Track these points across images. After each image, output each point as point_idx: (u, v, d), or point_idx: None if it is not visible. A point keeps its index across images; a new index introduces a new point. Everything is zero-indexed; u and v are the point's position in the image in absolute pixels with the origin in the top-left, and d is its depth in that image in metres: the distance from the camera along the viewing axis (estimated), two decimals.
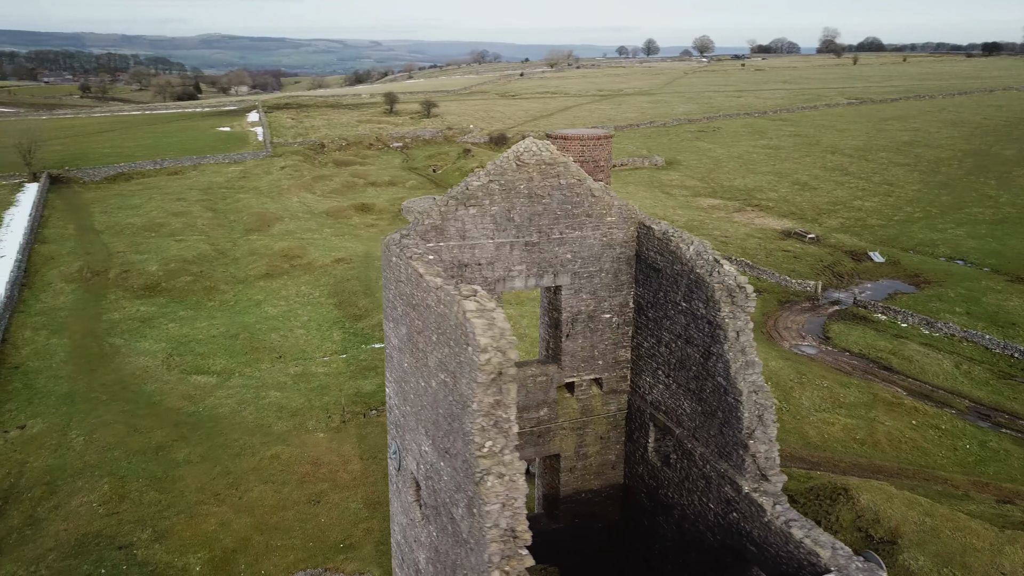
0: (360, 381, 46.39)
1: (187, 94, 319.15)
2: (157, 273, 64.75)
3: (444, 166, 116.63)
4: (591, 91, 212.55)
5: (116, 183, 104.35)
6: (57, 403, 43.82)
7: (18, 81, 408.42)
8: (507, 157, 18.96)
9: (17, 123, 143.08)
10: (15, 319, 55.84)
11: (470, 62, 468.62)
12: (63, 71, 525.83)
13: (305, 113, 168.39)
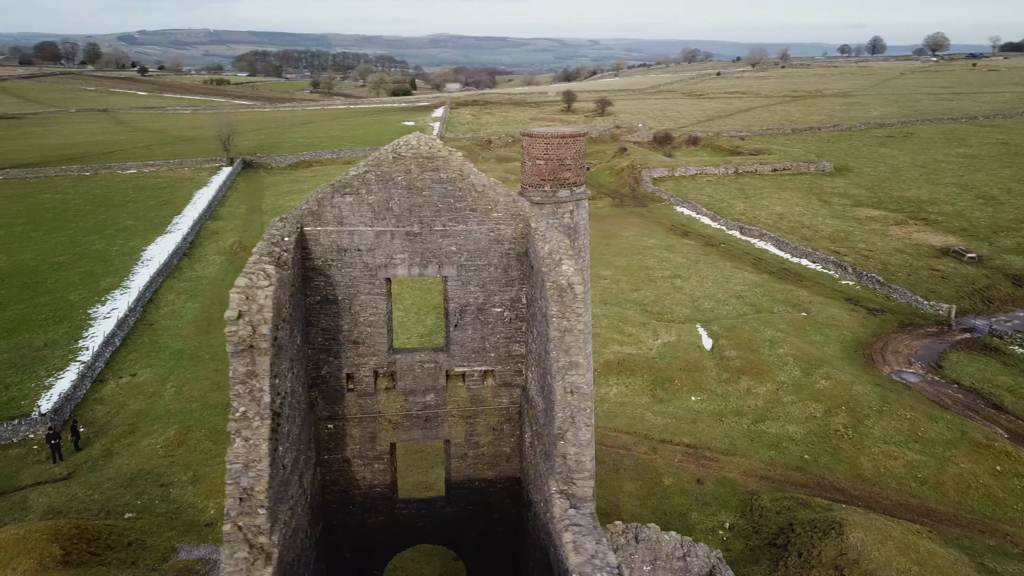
0: None
1: (402, 90, 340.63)
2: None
3: (597, 164, 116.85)
4: (784, 92, 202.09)
5: (296, 169, 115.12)
6: (168, 358, 50.19)
7: (264, 77, 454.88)
8: (385, 150, 19.99)
9: (226, 115, 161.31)
10: (166, 283, 64.15)
11: (680, 60, 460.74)
12: (304, 69, 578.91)
13: (486, 110, 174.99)
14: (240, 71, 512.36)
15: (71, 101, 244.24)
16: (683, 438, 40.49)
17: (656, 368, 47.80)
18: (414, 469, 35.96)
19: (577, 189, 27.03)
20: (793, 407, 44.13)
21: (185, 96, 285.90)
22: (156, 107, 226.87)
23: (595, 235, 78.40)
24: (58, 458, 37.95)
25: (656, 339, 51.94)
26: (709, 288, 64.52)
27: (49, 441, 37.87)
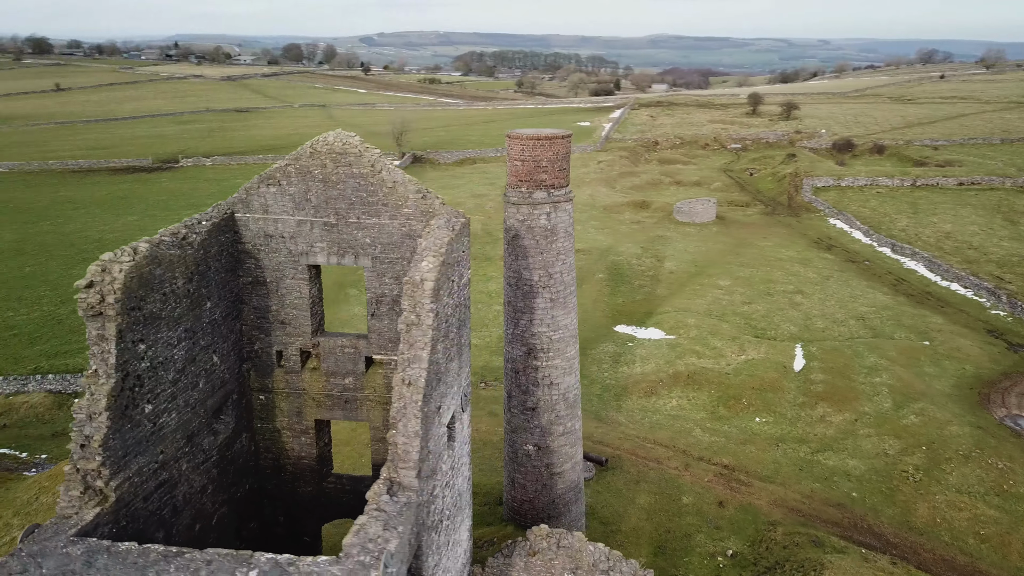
0: (496, 357, 49.95)
1: (603, 91, 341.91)
2: None
3: (762, 170, 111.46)
4: (1012, 97, 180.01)
5: (461, 166, 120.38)
6: None
7: (475, 77, 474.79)
8: (305, 146, 21.47)
9: (401, 113, 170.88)
10: None
11: (914, 62, 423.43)
12: (516, 69, 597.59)
13: (666, 111, 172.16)
14: (456, 71, 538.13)
15: (298, 97, 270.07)
16: (723, 458, 38.59)
17: (726, 385, 45.64)
18: None
19: (556, 191, 27.12)
20: (866, 440, 40.47)
21: (398, 94, 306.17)
22: (367, 103, 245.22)
23: (728, 244, 75.54)
24: None
25: (741, 355, 49.49)
26: (830, 307, 60.06)
27: None
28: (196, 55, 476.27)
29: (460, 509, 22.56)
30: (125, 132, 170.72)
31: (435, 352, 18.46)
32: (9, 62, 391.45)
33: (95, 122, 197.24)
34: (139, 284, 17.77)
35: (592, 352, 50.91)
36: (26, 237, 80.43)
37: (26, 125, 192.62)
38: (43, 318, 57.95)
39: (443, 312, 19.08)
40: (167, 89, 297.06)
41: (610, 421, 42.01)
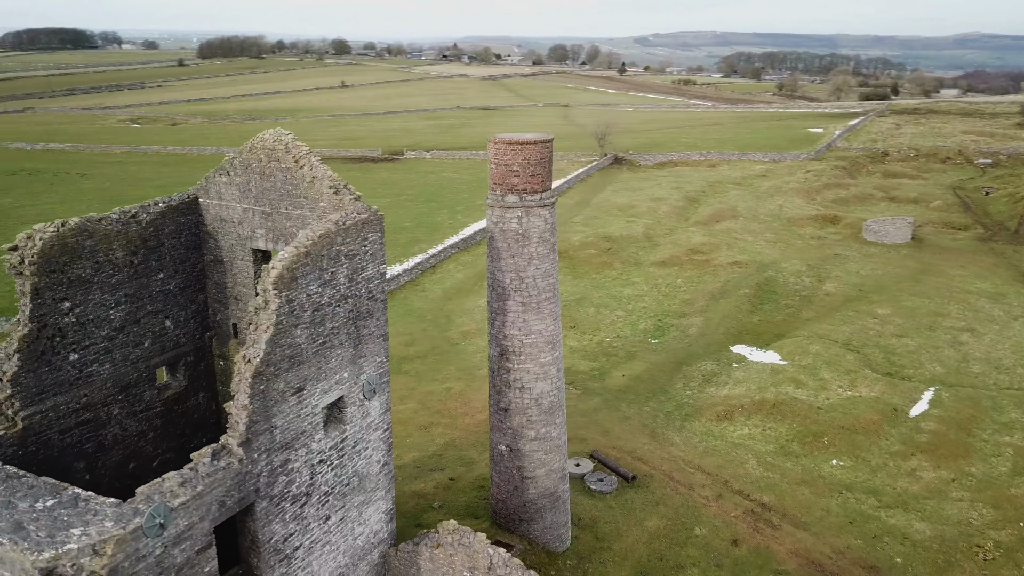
0: (598, 363, 49.87)
1: (877, 95, 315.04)
2: (574, 242, 75.88)
3: (1001, 190, 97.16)
4: None
5: (660, 168, 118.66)
6: (403, 312, 59.46)
7: (738, 79, 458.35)
8: (248, 142, 23.89)
9: (607, 114, 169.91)
10: (455, 256, 74.39)
11: None
12: (785, 71, 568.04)
13: (916, 120, 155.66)
14: (718, 72, 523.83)
15: (546, 96, 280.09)
16: (765, 496, 35.62)
17: (812, 420, 41.69)
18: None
19: (529, 196, 27.29)
20: (953, 505, 35.13)
21: (647, 95, 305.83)
22: (609, 104, 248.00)
23: (910, 269, 68.09)
24: None
25: (848, 391, 44.81)
26: (1000, 351, 51.86)
27: None
28: (469, 56, 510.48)
29: (362, 491, 23.81)
30: (377, 125, 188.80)
31: (288, 336, 19.93)
32: (312, 61, 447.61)
33: (360, 115, 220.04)
34: (61, 251, 21.21)
35: (687, 369, 48.85)
36: None
37: (305, 117, 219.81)
38: None
39: (310, 301, 20.42)
40: (432, 87, 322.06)
41: (663, 440, 40.37)
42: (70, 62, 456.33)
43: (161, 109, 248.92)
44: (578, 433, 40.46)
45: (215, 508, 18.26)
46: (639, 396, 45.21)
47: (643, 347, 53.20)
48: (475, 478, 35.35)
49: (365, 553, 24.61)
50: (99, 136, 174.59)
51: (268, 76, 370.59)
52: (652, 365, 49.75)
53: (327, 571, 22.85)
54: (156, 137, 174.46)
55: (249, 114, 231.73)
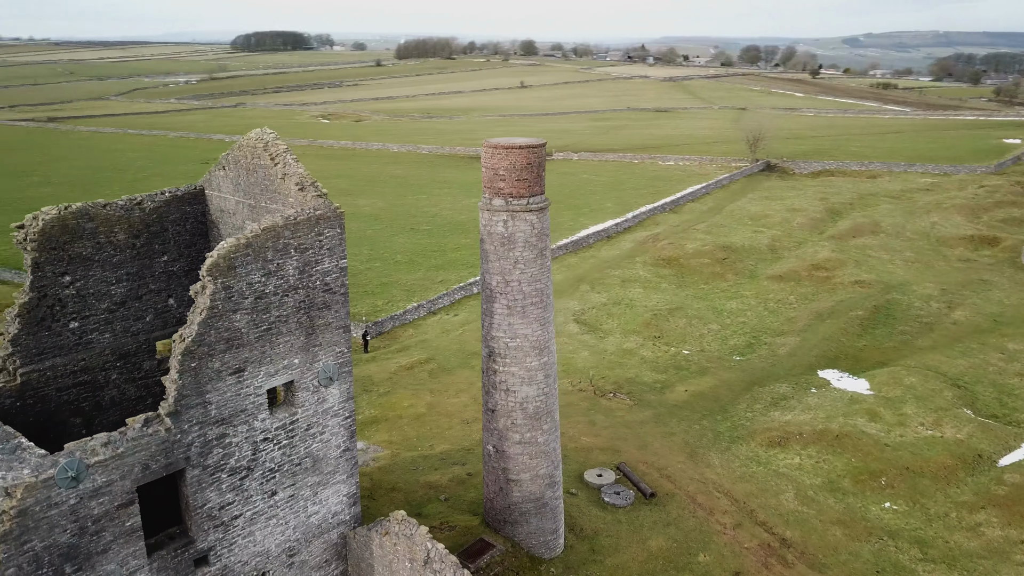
0: (664, 376, 48.67)
1: None
2: (687, 250, 73.66)
3: None
4: None
5: (814, 177, 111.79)
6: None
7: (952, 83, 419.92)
8: (238, 139, 25.83)
9: (759, 117, 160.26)
10: (562, 258, 74.62)
11: None
12: (1012, 75, 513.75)
13: None
14: (928, 76, 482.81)
15: (726, 99, 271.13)
16: (789, 531, 33.26)
17: (874, 457, 38.24)
18: None
19: (515, 200, 27.55)
20: (1013, 570, 31.09)
21: (838, 99, 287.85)
22: (791, 108, 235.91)
23: None
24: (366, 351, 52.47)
25: (929, 429, 40.62)
26: None
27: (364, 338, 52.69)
28: (654, 56, 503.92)
29: (317, 473, 25.12)
30: (541, 125, 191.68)
31: (226, 320, 21.57)
32: (498, 62, 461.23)
33: (529, 115, 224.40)
34: (62, 231, 24.22)
35: (759, 390, 46.28)
36: (388, 206, 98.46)
37: (477, 116, 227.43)
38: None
39: (251, 289, 21.94)
40: (609, 88, 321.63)
41: (700, 460, 38.67)
42: (286, 62, 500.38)
43: (351, 106, 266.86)
44: (614, 444, 39.74)
45: (138, 469, 20.10)
46: (694, 413, 43.50)
47: (721, 363, 50.95)
48: None
49: (322, 532, 25.85)
50: (288, 130, 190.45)
51: (455, 76, 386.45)
52: (722, 383, 47.59)
53: (274, 543, 24.27)
54: (337, 132, 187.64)
55: (427, 112, 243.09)
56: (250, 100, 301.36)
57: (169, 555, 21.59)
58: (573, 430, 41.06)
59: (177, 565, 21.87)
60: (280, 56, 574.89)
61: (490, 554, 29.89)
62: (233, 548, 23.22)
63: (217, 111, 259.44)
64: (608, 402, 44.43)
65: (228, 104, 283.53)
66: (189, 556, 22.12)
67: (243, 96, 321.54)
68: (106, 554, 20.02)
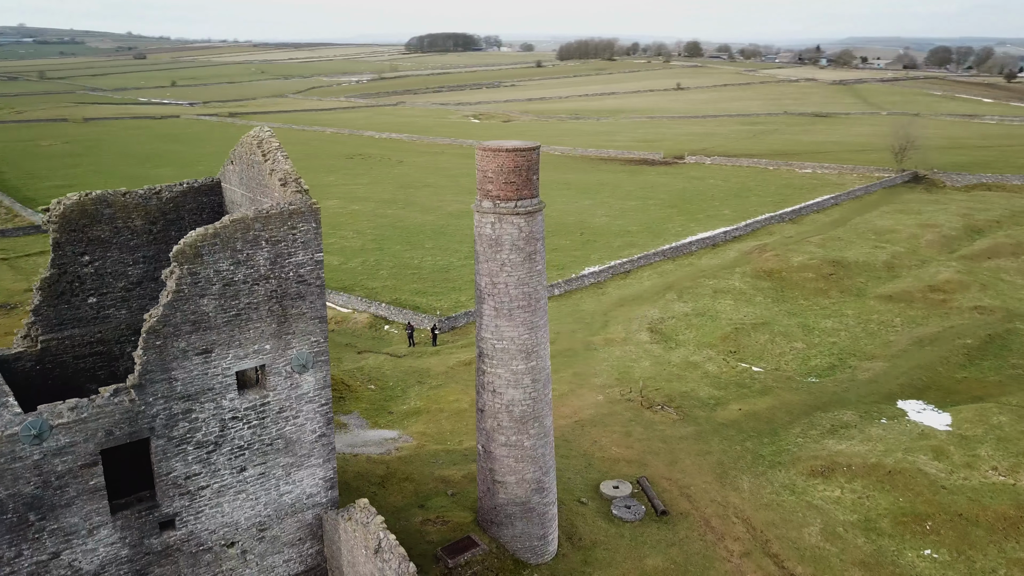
0: (722, 392, 46.89)
1: None
2: (792, 263, 69.80)
3: None
4: None
5: (968, 191, 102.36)
6: (569, 317, 60.52)
7: None
8: (242, 136, 27.58)
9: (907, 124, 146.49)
10: (657, 264, 72.97)
11: None
12: None
13: None
14: None
15: (900, 104, 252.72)
16: (798, 567, 31.08)
17: (925, 499, 34.83)
18: None
19: (503, 203, 27.78)
20: None
21: None
22: (968, 115, 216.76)
23: None
24: (411, 344, 54.16)
25: (1002, 476, 36.50)
26: None
27: (408, 331, 54.41)
28: (827, 58, 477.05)
29: (290, 454, 26.47)
30: (683, 128, 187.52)
31: (192, 303, 23.29)
32: (659, 64, 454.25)
33: (676, 118, 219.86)
34: (81, 215, 26.97)
35: (820, 415, 43.31)
36: None
37: (623, 118, 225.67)
38: (434, 266, 74.10)
39: (219, 276, 23.54)
40: (770, 91, 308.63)
41: (728, 483, 36.80)
42: (453, 63, 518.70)
43: (503, 107, 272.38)
44: (644, 457, 38.70)
45: (101, 435, 22.16)
46: (740, 433, 41.41)
47: (790, 384, 48.08)
48: None
49: (295, 511, 27.16)
50: (434, 128, 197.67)
51: (612, 77, 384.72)
52: (781, 404, 44.94)
53: (243, 516, 25.82)
54: (481, 132, 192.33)
55: (575, 113, 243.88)
56: (410, 99, 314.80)
57: (133, 515, 23.48)
58: (606, 439, 40.34)
59: (141, 526, 23.74)
60: (449, 57, 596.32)
61: (472, 552, 30.11)
62: (200, 516, 24.86)
63: (377, 109, 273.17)
64: (653, 415, 43.20)
65: (389, 103, 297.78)
66: (154, 519, 23.92)
67: (405, 95, 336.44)
68: (70, 508, 22.07)
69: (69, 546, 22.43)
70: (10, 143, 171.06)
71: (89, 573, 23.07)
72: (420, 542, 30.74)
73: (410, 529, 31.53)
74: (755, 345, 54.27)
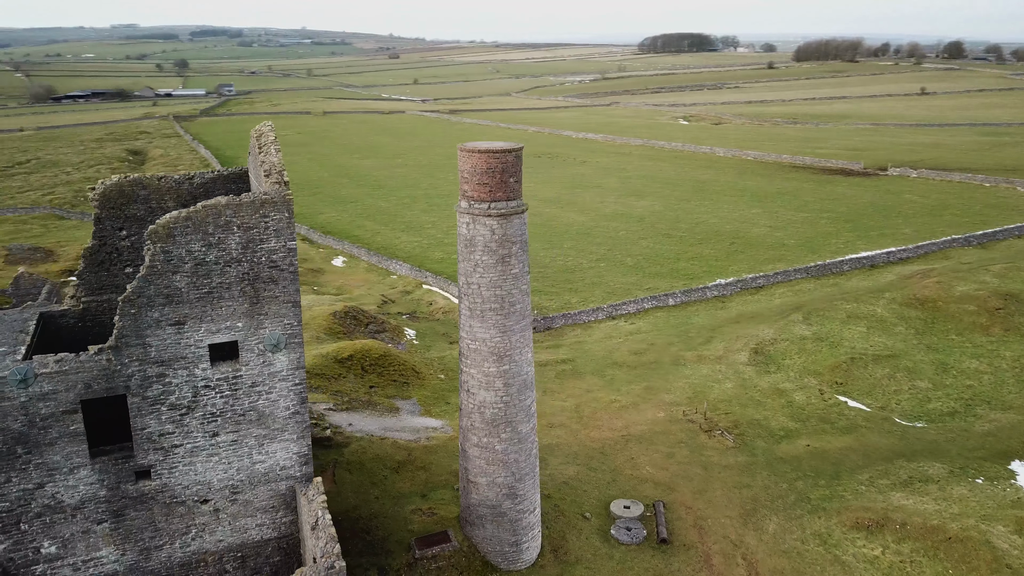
0: (797, 425, 43.19)
1: None
2: (954, 293, 61.62)
3: None
4: None
5: None
6: (675, 329, 58.23)
7: None
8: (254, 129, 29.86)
9: None
10: (796, 283, 67.66)
11: None
12: None
13: None
14: None
15: None
16: None
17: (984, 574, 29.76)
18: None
19: (477, 204, 28.09)
20: None
21: None
22: None
23: None
24: None
25: None
26: None
27: None
28: None
29: (262, 427, 28.46)
30: (904, 138, 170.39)
31: (165, 279, 25.93)
32: (908, 66, 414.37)
33: (901, 126, 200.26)
34: (119, 195, 30.79)
35: (902, 464, 38.22)
36: (663, 209, 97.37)
37: (843, 124, 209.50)
38: (562, 266, 73.97)
39: (191, 256, 25.98)
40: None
41: (752, 523, 33.70)
42: (682, 63, 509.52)
43: (718, 109, 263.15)
44: (674, 481, 36.64)
45: (81, 387, 25.39)
46: (795, 471, 37.69)
47: (884, 426, 42.77)
48: None
49: (268, 481, 29.13)
50: (634, 130, 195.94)
51: (848, 80, 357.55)
52: (861, 446, 40.17)
53: (216, 478, 28.22)
54: (680, 133, 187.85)
55: (792, 118, 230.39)
56: (625, 100, 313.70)
57: (111, 461, 26.51)
58: (644, 458, 38.60)
59: (118, 472, 26.72)
60: (681, 57, 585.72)
61: (442, 547, 30.43)
62: (174, 472, 27.48)
63: (589, 109, 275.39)
64: (708, 439, 40.58)
65: (603, 103, 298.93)
66: (130, 467, 26.83)
67: (623, 96, 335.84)
68: (52, 447, 25.45)
69: (52, 480, 25.74)
70: (246, 132, 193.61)
71: (70, 506, 26.28)
72: (402, 530, 31.55)
73: (399, 516, 32.44)
74: (868, 378, 48.80)
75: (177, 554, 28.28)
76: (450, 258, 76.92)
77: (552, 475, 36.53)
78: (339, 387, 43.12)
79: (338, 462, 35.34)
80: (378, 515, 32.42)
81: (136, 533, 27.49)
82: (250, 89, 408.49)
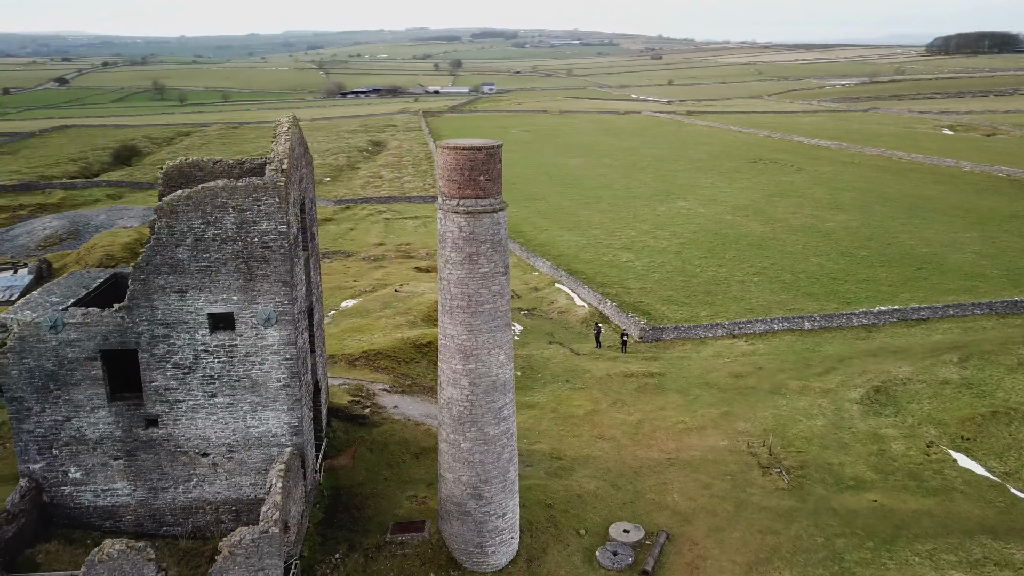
0: (879, 477, 38.02)
1: None
2: None
3: None
4: None
5: None
6: (772, 353, 53.20)
7: None
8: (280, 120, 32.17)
9: None
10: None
11: None
12: None
13: None
14: None
15: None
16: None
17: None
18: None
19: (447, 200, 28.34)
20: None
21: None
22: None
23: None
24: (597, 345, 53.79)
25: None
26: None
27: (596, 332, 54.02)
28: None
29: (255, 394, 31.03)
30: None
31: (169, 250, 29.27)
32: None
33: None
34: (179, 175, 34.92)
35: (982, 540, 32.04)
36: (859, 225, 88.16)
37: None
38: (712, 278, 69.84)
39: (191, 231, 29.02)
40: None
41: (762, 570, 30.10)
42: (976, 66, 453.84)
43: (1000, 118, 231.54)
44: (695, 514, 33.97)
45: (99, 338, 29.55)
46: (843, 528, 32.97)
47: (988, 494, 35.73)
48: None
49: (261, 445, 31.70)
50: (879, 139, 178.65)
51: None
52: (941, 513, 34.04)
53: (214, 435, 31.23)
54: (932, 145, 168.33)
55: None
56: (887, 105, 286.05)
57: (125, 407, 30.44)
58: (676, 484, 36.05)
59: (131, 416, 30.56)
60: (976, 60, 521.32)
61: (412, 535, 30.96)
62: (178, 424, 30.86)
63: (839, 115, 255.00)
64: (760, 475, 36.83)
65: (860, 108, 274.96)
66: (140, 414, 30.58)
67: (889, 101, 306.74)
68: (78, 386, 29.79)
69: (77, 415, 30.04)
70: (479, 128, 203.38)
71: (92, 440, 30.48)
72: (389, 513, 32.56)
73: (395, 499, 33.49)
74: (1004, 438, 41.11)
75: (180, 498, 31.46)
76: (600, 259, 76.09)
77: (568, 486, 35.39)
78: (407, 371, 44.92)
79: (364, 440, 37.00)
80: (377, 495, 33.61)
81: (146, 473, 30.99)
82: (510, 88, 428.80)
